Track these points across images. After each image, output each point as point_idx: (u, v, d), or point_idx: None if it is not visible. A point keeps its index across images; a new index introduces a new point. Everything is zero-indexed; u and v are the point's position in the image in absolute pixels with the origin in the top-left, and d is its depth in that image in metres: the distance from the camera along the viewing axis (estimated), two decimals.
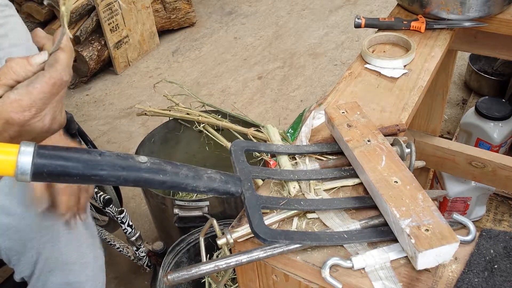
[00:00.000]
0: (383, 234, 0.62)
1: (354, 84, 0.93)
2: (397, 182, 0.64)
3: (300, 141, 0.79)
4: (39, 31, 0.60)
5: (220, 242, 0.63)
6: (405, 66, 0.96)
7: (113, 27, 2.68)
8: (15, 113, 0.53)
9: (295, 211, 0.66)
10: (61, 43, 0.56)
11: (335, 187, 0.71)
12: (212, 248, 1.33)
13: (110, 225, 1.65)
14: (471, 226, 0.62)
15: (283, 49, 2.92)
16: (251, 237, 0.64)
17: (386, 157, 0.68)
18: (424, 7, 1.07)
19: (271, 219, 0.65)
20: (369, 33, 1.05)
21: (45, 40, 0.58)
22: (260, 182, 1.01)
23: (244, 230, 0.64)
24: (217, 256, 1.32)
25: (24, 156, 0.50)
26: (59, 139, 0.86)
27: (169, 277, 0.58)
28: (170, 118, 1.63)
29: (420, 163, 0.76)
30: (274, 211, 0.66)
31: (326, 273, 0.58)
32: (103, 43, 2.69)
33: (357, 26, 1.08)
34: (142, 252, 1.51)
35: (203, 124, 1.52)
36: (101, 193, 1.36)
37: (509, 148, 1.84)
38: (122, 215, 1.38)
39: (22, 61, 0.56)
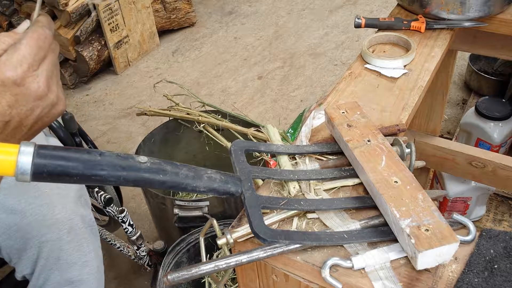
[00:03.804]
0: (383, 234, 0.62)
1: (354, 84, 0.93)
2: (397, 182, 0.64)
3: (300, 141, 0.79)
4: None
5: (220, 242, 0.63)
6: (405, 66, 0.96)
7: (113, 27, 2.68)
8: (8, 71, 0.55)
9: (295, 211, 0.66)
10: (40, 11, 0.63)
11: (335, 187, 0.71)
12: (212, 248, 1.33)
13: (110, 225, 1.65)
14: (471, 226, 0.62)
15: (283, 49, 2.92)
16: (251, 237, 0.64)
17: (386, 157, 0.68)
18: (424, 7, 1.07)
19: (271, 219, 0.65)
20: (369, 33, 1.05)
21: None
22: (260, 182, 1.01)
23: (244, 230, 0.64)
24: (217, 256, 1.32)
25: (24, 156, 0.50)
26: None
27: (169, 277, 0.58)
28: (170, 118, 1.63)
29: (420, 163, 0.76)
30: (274, 211, 0.66)
31: (326, 273, 0.58)
32: (103, 43, 2.69)
33: (357, 26, 1.08)
34: (143, 251, 1.51)
35: (203, 124, 1.52)
36: (102, 192, 1.36)
37: (509, 148, 1.84)
38: (123, 215, 1.38)
39: (9, 32, 0.61)
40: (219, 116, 1.51)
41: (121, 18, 2.71)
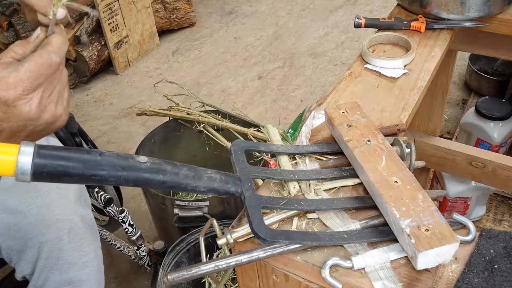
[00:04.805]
0: (383, 234, 0.62)
1: (354, 84, 0.93)
2: (397, 182, 0.64)
3: (300, 141, 0.79)
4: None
5: (220, 242, 0.63)
6: (405, 66, 0.96)
7: (113, 27, 2.68)
8: (1, 90, 0.54)
9: (295, 211, 0.66)
10: (54, 26, 0.60)
11: (335, 187, 0.71)
12: (212, 248, 1.33)
13: (110, 225, 1.65)
14: (471, 226, 0.62)
15: (283, 49, 2.92)
16: (251, 237, 0.64)
17: (386, 157, 0.68)
18: (424, 7, 1.07)
19: (271, 219, 0.65)
20: (369, 33, 1.05)
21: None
22: (260, 182, 1.01)
23: (244, 230, 0.64)
24: (217, 256, 1.32)
25: (24, 156, 0.50)
26: None
27: (169, 277, 0.58)
28: (170, 118, 1.63)
29: (420, 163, 0.76)
30: (274, 211, 0.66)
31: (326, 273, 0.58)
32: (103, 43, 2.69)
33: (357, 26, 1.08)
34: (143, 251, 1.51)
35: (203, 124, 1.52)
36: (102, 192, 1.36)
37: (509, 148, 1.84)
38: (123, 215, 1.38)
39: (22, 41, 0.60)
40: (219, 116, 1.51)
41: (121, 18, 2.71)
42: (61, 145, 1.19)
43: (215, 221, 0.68)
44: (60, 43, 0.59)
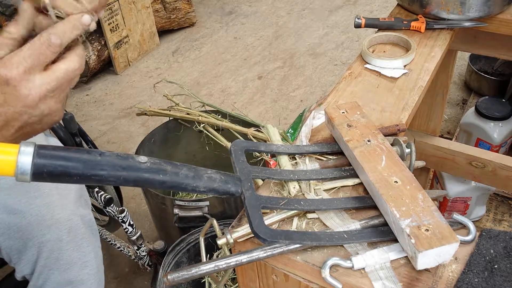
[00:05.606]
0: (383, 234, 0.62)
1: (354, 84, 0.93)
2: (397, 182, 0.64)
3: (300, 141, 0.79)
4: None
5: (220, 242, 0.63)
6: (405, 66, 0.96)
7: (113, 27, 2.68)
8: (3, 69, 0.55)
9: (295, 211, 0.66)
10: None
11: (335, 187, 0.71)
12: (212, 248, 1.33)
13: (110, 225, 1.65)
14: (471, 226, 0.62)
15: (283, 49, 2.92)
16: (251, 237, 0.64)
17: (386, 157, 0.68)
18: (424, 7, 1.07)
19: (271, 219, 0.65)
20: (369, 33, 1.05)
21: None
22: (260, 182, 1.01)
23: (244, 230, 0.64)
24: (217, 256, 1.32)
25: (24, 156, 0.50)
26: None
27: (169, 277, 0.58)
28: (170, 118, 1.63)
29: (420, 163, 0.76)
30: (274, 211, 0.66)
31: (326, 273, 0.58)
32: (103, 43, 2.69)
33: (357, 26, 1.08)
34: (143, 251, 1.51)
35: (203, 124, 1.52)
36: (102, 192, 1.36)
37: (509, 148, 1.84)
38: (123, 215, 1.38)
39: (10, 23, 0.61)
40: (219, 116, 1.51)
41: (121, 18, 2.71)
42: (61, 145, 1.19)
43: (215, 221, 0.69)
44: (64, 28, 0.60)
